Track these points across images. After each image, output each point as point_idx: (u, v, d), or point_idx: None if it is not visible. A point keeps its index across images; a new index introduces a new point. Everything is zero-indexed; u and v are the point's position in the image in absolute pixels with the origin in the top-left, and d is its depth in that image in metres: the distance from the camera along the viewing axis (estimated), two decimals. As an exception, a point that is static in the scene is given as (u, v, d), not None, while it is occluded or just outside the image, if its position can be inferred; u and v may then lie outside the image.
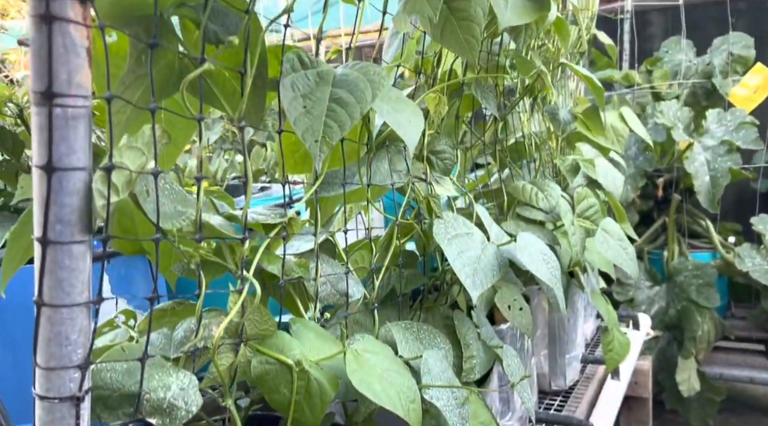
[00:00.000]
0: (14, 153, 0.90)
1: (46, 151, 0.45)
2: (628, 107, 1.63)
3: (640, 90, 2.65)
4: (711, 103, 2.57)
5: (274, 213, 0.67)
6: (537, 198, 1.26)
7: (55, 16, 0.43)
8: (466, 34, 0.84)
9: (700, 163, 2.33)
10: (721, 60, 2.52)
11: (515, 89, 1.41)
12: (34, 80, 0.44)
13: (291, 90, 0.66)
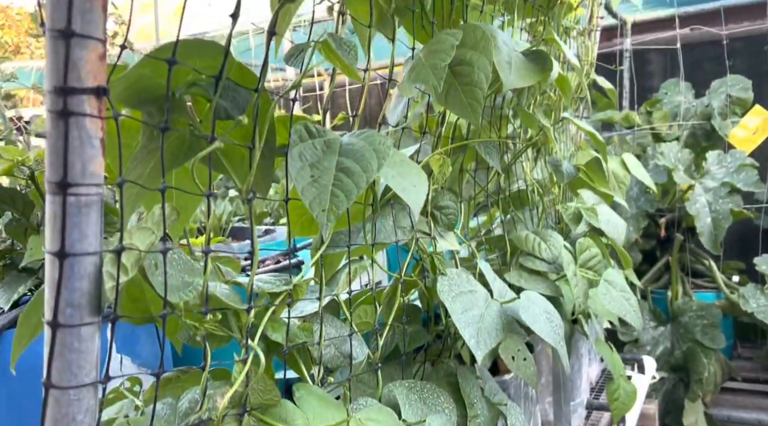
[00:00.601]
0: (24, 213, 0.91)
1: (59, 238, 0.46)
2: (629, 153, 1.65)
3: (640, 131, 2.67)
4: (711, 144, 2.59)
5: (279, 280, 0.68)
6: (540, 248, 1.26)
7: (71, 111, 0.44)
8: (470, 98, 0.86)
9: (701, 205, 2.34)
10: (720, 102, 2.56)
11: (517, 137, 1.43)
12: (50, 171, 0.45)
13: (299, 160, 0.67)
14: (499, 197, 1.38)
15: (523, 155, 1.41)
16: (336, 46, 0.62)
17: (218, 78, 0.56)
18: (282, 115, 0.71)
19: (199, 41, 0.55)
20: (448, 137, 1.05)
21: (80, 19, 0.44)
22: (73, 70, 0.44)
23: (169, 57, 0.52)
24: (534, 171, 1.46)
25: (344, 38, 0.64)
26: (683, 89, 2.70)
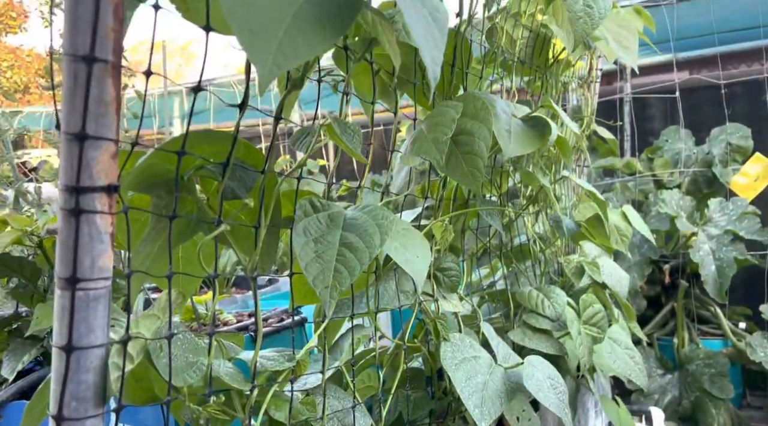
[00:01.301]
0: (31, 279, 0.93)
1: (67, 332, 0.46)
2: (629, 206, 1.66)
3: (642, 177, 2.69)
4: (712, 191, 2.61)
5: (282, 356, 0.68)
6: (543, 305, 1.26)
7: (83, 209, 0.45)
8: (470, 166, 0.87)
9: (705, 253, 2.34)
10: (720, 149, 2.58)
11: (518, 192, 1.45)
12: (60, 267, 0.46)
13: (303, 235, 0.68)
14: (501, 251, 1.39)
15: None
16: (340, 131, 0.64)
17: (226, 164, 0.58)
18: (287, 190, 0.73)
19: (209, 131, 0.57)
20: (449, 199, 1.07)
21: (94, 122, 0.45)
22: (85, 169, 0.46)
23: (179, 149, 0.53)
24: (535, 225, 1.47)
25: (348, 122, 0.65)
26: (683, 136, 2.73)
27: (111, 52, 0.46)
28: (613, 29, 1.32)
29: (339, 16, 0.54)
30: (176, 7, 0.64)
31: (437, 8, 0.57)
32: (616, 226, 1.65)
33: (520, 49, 1.31)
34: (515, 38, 1.34)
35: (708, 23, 2.79)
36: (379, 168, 4.49)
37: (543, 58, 1.43)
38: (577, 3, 0.89)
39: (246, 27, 0.49)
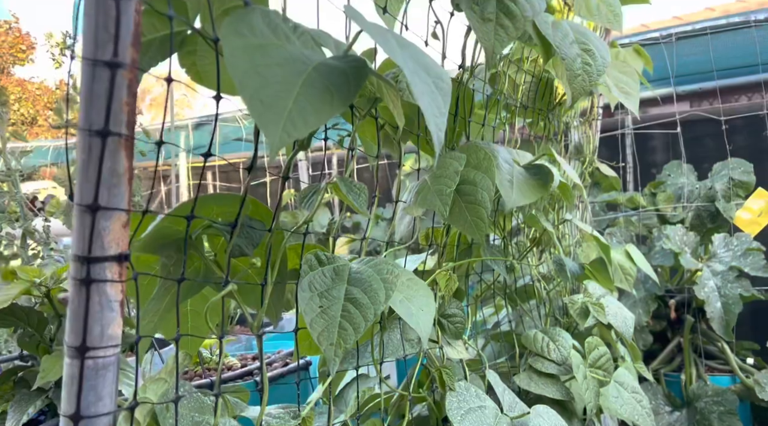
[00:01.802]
0: (38, 329, 0.93)
1: (75, 401, 0.47)
2: (632, 245, 1.66)
3: (645, 212, 2.69)
4: (716, 225, 2.61)
5: (287, 413, 0.68)
6: (549, 349, 1.26)
7: (93, 279, 0.46)
8: (474, 216, 0.88)
9: (710, 289, 2.32)
10: (723, 185, 2.59)
11: (521, 232, 1.45)
12: (69, 335, 0.47)
13: (308, 290, 0.69)
14: (506, 291, 1.39)
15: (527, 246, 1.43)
16: (347, 190, 0.65)
17: (234, 225, 0.59)
18: (294, 244, 0.73)
19: (218, 195, 0.58)
20: (453, 245, 1.08)
21: (107, 193, 0.46)
22: (97, 239, 0.47)
23: (188, 213, 0.54)
24: (539, 265, 1.47)
25: (354, 181, 0.67)
26: (685, 171, 2.74)
27: (125, 125, 0.47)
28: (614, 75, 1.34)
29: (346, 84, 0.55)
30: (186, 71, 0.66)
31: (441, 77, 0.58)
32: (621, 265, 1.65)
33: (522, 94, 1.33)
34: (518, 83, 1.36)
35: (707, 61, 2.83)
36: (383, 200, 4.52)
37: (545, 101, 1.45)
38: (575, 61, 0.91)
39: (257, 97, 0.50)
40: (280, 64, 0.54)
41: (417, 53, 0.60)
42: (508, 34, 0.77)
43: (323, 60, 0.57)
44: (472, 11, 0.76)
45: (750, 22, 2.64)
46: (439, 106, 0.56)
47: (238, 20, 0.55)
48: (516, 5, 0.78)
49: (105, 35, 0.46)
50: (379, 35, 0.54)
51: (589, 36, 0.94)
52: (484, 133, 1.13)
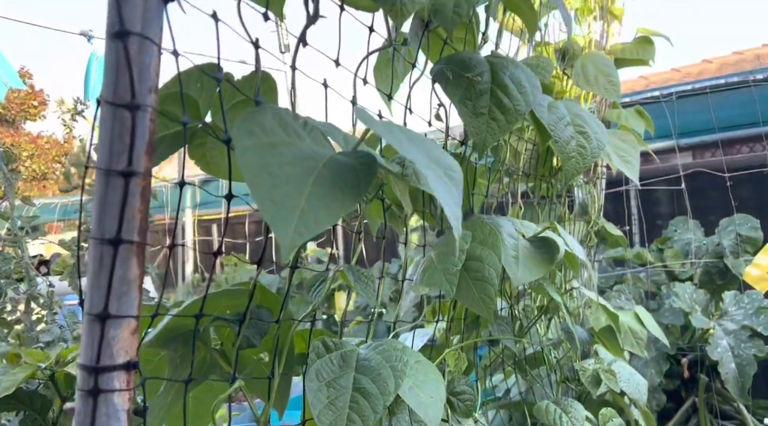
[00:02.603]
0: (41, 412, 0.92)
1: None
2: (641, 307, 1.64)
3: (653, 268, 2.68)
4: (726, 282, 2.58)
5: None
6: (561, 421, 1.22)
7: (101, 389, 0.46)
8: (481, 293, 0.88)
9: (723, 349, 2.28)
10: (730, 241, 2.58)
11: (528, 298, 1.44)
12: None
13: (316, 380, 0.68)
14: (515, 360, 1.36)
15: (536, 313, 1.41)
16: (354, 279, 0.65)
17: (242, 320, 0.59)
18: (301, 329, 0.73)
19: (227, 290, 0.58)
20: (460, 319, 1.07)
21: (117, 301, 0.46)
22: (106, 349, 0.46)
23: (197, 312, 0.54)
24: (548, 332, 1.46)
25: (362, 270, 0.67)
26: (692, 227, 2.73)
27: (137, 232, 0.47)
28: (615, 143, 1.36)
29: (356, 181, 0.56)
30: (195, 162, 0.67)
31: (451, 168, 0.59)
32: (631, 329, 1.62)
33: (524, 162, 1.35)
34: (519, 151, 1.38)
35: (707, 117, 2.87)
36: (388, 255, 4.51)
37: (547, 167, 1.47)
38: (568, 144, 0.92)
39: (268, 198, 0.51)
40: (291, 162, 0.55)
41: (426, 145, 0.61)
42: (501, 128, 0.79)
43: (333, 156, 0.58)
44: (465, 106, 0.78)
45: (749, 82, 2.69)
46: (453, 196, 0.57)
47: (250, 120, 0.56)
48: (509, 99, 0.79)
49: (120, 146, 0.47)
50: (390, 134, 0.55)
51: (585, 118, 0.96)
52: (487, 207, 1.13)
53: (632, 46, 2.07)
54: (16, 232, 1.81)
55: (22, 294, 1.89)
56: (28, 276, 1.94)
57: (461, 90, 0.81)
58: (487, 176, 1.19)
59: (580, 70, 1.37)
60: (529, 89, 0.85)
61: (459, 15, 0.71)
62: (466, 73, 0.81)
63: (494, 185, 1.22)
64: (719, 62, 8.29)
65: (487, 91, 0.82)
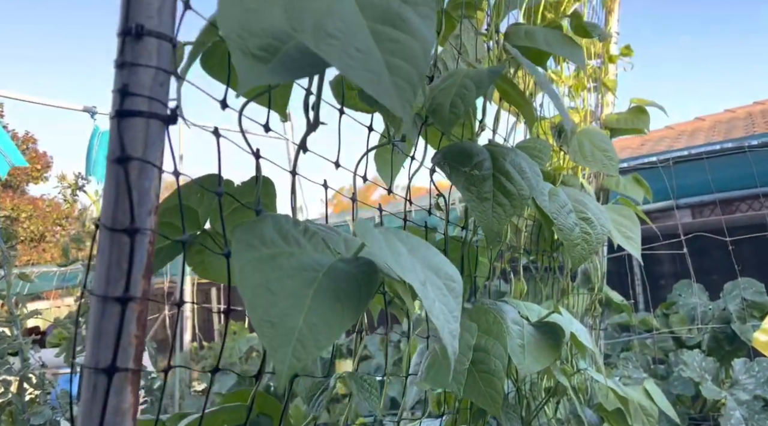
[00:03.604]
0: None
1: None
2: (650, 380, 1.60)
3: (660, 334, 2.63)
4: (734, 348, 2.53)
5: None
6: None
7: None
8: (488, 387, 0.85)
9: (737, 421, 2.21)
10: (736, 305, 2.55)
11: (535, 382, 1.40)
12: None
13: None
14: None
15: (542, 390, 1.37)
16: (357, 388, 0.63)
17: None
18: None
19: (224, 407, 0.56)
20: (467, 409, 1.03)
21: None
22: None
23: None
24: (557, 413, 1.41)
25: (365, 378, 0.65)
26: (696, 291, 2.71)
27: (132, 360, 0.46)
28: (615, 218, 1.36)
29: (357, 292, 0.55)
30: (192, 269, 0.66)
31: (451, 277, 0.58)
32: (641, 405, 1.57)
33: (525, 240, 1.34)
34: (519, 227, 1.38)
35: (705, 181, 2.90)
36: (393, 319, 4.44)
37: (548, 241, 1.46)
38: (573, 231, 0.92)
39: (266, 319, 0.50)
40: (291, 274, 0.54)
41: (427, 254, 0.60)
42: (506, 212, 0.79)
43: (334, 265, 0.57)
44: (469, 191, 0.78)
45: (744, 148, 2.73)
46: (452, 310, 0.56)
47: (249, 232, 0.56)
48: (513, 185, 0.79)
49: (117, 272, 0.46)
50: (388, 249, 0.54)
51: (586, 203, 0.96)
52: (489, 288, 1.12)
53: (627, 116, 2.11)
54: (12, 311, 1.79)
55: (15, 373, 1.85)
56: (22, 356, 1.90)
57: (464, 177, 0.82)
58: (489, 255, 1.18)
59: (577, 146, 1.39)
60: (531, 175, 0.85)
61: (456, 115, 0.72)
62: (467, 163, 0.81)
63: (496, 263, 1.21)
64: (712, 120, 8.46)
65: (490, 177, 0.83)
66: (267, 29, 0.54)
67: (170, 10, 0.49)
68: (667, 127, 8.32)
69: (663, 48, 34.20)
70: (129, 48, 0.47)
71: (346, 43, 0.51)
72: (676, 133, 7.89)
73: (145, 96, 0.47)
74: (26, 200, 14.13)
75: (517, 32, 1.02)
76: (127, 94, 0.47)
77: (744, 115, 8.02)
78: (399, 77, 0.51)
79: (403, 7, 0.54)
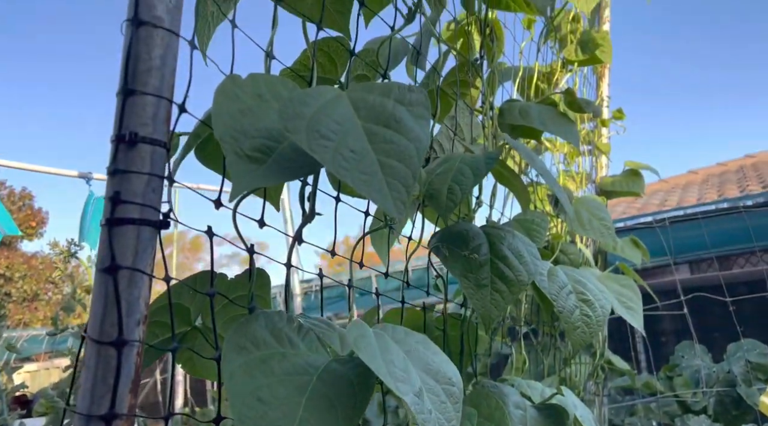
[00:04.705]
0: None
1: None
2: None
3: (664, 398, 2.57)
4: (741, 412, 2.47)
5: None
6: None
7: None
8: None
9: (749, 492, 2.13)
10: (740, 367, 2.50)
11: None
12: None
13: None
14: None
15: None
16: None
17: None
18: None
19: None
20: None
21: None
22: None
23: None
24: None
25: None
26: (698, 352, 2.66)
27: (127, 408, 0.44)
28: (615, 288, 1.34)
29: (352, 397, 0.53)
30: (181, 366, 0.64)
31: (451, 380, 0.57)
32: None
33: (525, 311, 1.32)
34: (519, 298, 1.36)
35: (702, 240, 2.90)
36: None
37: (548, 312, 1.44)
38: (573, 313, 0.90)
39: (258, 430, 0.47)
40: (283, 380, 0.52)
41: (425, 355, 0.58)
42: (504, 299, 0.77)
43: (328, 366, 0.55)
44: (467, 279, 0.77)
45: (739, 208, 2.75)
46: (450, 419, 0.53)
47: (240, 333, 0.54)
48: (511, 270, 0.78)
49: (103, 388, 0.44)
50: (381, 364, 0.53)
51: (586, 283, 0.95)
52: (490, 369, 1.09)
53: (621, 179, 2.12)
54: (-2, 385, 1.74)
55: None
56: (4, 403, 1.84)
57: (461, 263, 0.80)
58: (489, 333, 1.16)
59: (574, 215, 1.39)
60: (529, 259, 0.84)
61: (454, 202, 0.71)
62: (464, 248, 0.80)
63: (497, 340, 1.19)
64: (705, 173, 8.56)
65: (488, 262, 0.81)
66: (261, 129, 0.54)
67: (165, 117, 0.49)
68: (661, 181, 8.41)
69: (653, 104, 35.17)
70: (122, 155, 0.47)
71: (341, 145, 0.51)
72: (670, 186, 7.96)
73: (138, 203, 0.47)
74: (20, 258, 14.03)
75: (511, 110, 1.03)
76: (119, 202, 0.46)
77: (736, 169, 8.12)
78: (393, 178, 0.51)
79: (397, 107, 0.54)
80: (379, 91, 0.56)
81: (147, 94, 0.47)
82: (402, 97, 0.55)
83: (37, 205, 15.58)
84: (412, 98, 0.56)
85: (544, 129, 0.99)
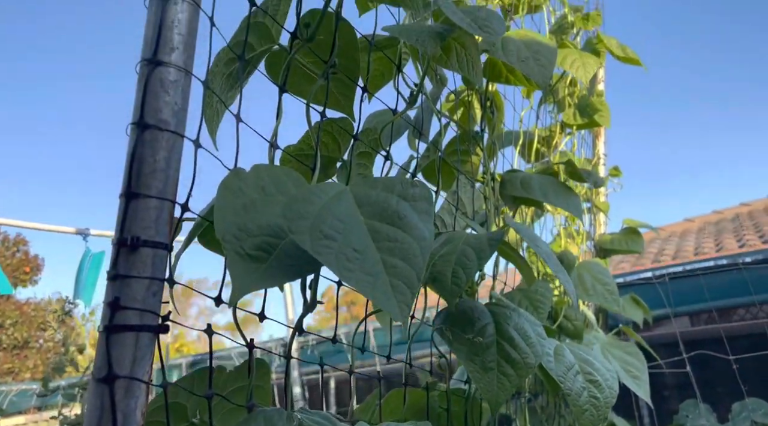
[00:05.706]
0: None
1: None
2: None
3: (670, 460, 2.49)
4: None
5: None
6: None
7: None
8: None
9: None
10: (747, 429, 2.44)
11: None
12: None
13: None
14: None
15: None
16: None
17: None
18: None
19: None
20: None
21: None
22: None
23: None
24: None
25: None
26: (703, 411, 2.61)
27: None
28: (620, 355, 1.32)
29: None
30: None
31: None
32: None
33: (529, 382, 1.29)
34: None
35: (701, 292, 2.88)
36: None
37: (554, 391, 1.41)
38: (581, 396, 0.88)
39: None
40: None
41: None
42: (511, 383, 0.75)
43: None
44: (473, 362, 0.75)
45: (738, 265, 2.74)
46: None
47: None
48: (518, 352, 0.77)
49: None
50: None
51: (593, 362, 0.93)
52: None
53: (620, 237, 2.12)
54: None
55: None
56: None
57: (466, 346, 0.79)
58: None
59: (577, 280, 1.38)
60: (536, 339, 0.83)
61: (459, 286, 0.70)
62: (469, 330, 0.79)
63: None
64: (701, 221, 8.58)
65: (494, 344, 0.80)
66: (264, 226, 0.53)
67: (168, 219, 0.48)
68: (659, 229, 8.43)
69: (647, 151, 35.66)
70: (123, 260, 0.46)
71: (344, 244, 0.50)
72: (667, 234, 7.97)
73: (137, 308, 0.46)
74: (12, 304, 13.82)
75: (513, 181, 1.04)
76: (118, 308, 0.45)
77: (732, 217, 8.15)
78: (397, 278, 0.50)
79: (401, 204, 0.54)
80: (383, 187, 0.55)
81: (151, 197, 0.47)
82: (405, 193, 0.55)
83: (32, 252, 15.44)
84: (416, 193, 0.55)
85: (545, 201, 0.99)
